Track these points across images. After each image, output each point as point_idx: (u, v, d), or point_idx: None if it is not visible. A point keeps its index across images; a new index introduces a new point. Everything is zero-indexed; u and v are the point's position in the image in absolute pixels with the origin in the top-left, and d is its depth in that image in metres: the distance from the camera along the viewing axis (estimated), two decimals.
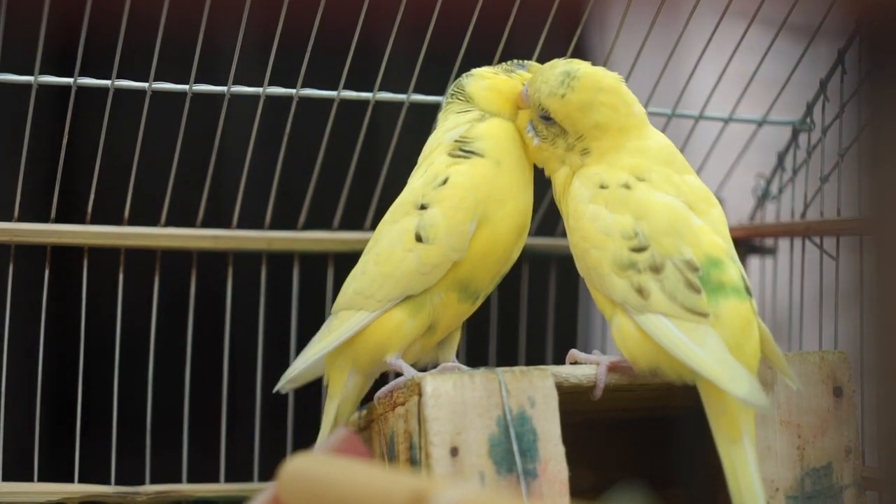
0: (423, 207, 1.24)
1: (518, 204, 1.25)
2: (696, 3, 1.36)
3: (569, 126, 1.22)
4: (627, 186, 1.19)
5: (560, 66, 1.23)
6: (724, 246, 1.18)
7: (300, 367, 1.29)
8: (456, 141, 1.26)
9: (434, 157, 1.27)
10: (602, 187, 1.20)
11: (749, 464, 1.13)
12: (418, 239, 1.23)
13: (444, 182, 1.24)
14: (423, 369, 1.25)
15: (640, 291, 1.16)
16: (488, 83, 1.28)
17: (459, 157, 1.25)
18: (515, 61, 1.30)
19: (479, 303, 1.27)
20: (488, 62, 1.36)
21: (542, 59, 1.34)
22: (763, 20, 1.39)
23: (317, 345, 1.29)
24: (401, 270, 1.24)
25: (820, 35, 1.40)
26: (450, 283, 1.24)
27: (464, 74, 1.31)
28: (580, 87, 1.21)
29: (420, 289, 1.24)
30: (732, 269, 1.17)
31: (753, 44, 1.41)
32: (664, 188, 1.19)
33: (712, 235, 1.18)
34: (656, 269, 1.16)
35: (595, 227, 1.19)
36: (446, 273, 1.23)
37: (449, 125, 1.28)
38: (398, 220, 1.26)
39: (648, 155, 1.21)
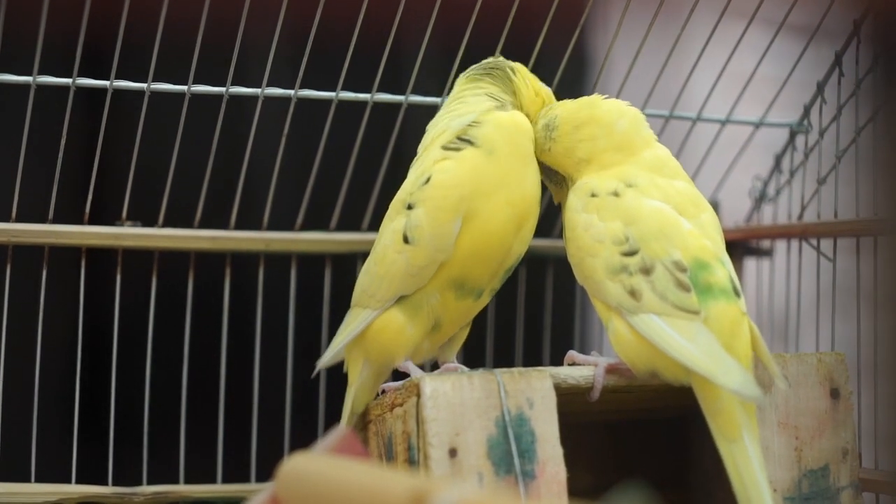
0: (410, 207, 1.24)
1: (511, 195, 1.23)
2: (695, 2, 1.36)
3: (561, 170, 1.27)
4: (616, 194, 1.21)
5: (542, 118, 1.28)
6: (712, 249, 1.19)
7: (329, 355, 1.30)
8: (466, 127, 1.25)
9: (430, 150, 1.26)
10: (593, 196, 1.22)
11: (751, 461, 1.14)
12: (406, 240, 1.24)
13: (428, 181, 1.24)
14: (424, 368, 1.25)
15: (633, 293, 1.17)
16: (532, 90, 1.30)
17: (450, 149, 1.24)
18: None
19: (484, 298, 1.26)
20: None
21: (542, 60, 1.35)
22: (762, 20, 1.39)
23: (339, 335, 1.30)
24: (393, 272, 1.24)
25: (818, 36, 1.40)
26: (443, 283, 1.24)
27: (509, 64, 1.30)
28: (559, 136, 1.26)
29: (412, 289, 1.24)
30: (721, 271, 1.18)
31: (752, 44, 1.41)
32: (651, 193, 1.21)
33: (700, 239, 1.20)
34: (647, 271, 1.17)
35: (588, 236, 1.21)
36: (437, 273, 1.23)
37: (466, 109, 1.27)
38: (393, 219, 1.26)
39: (637, 163, 1.24)
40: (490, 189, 1.23)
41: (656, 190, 1.22)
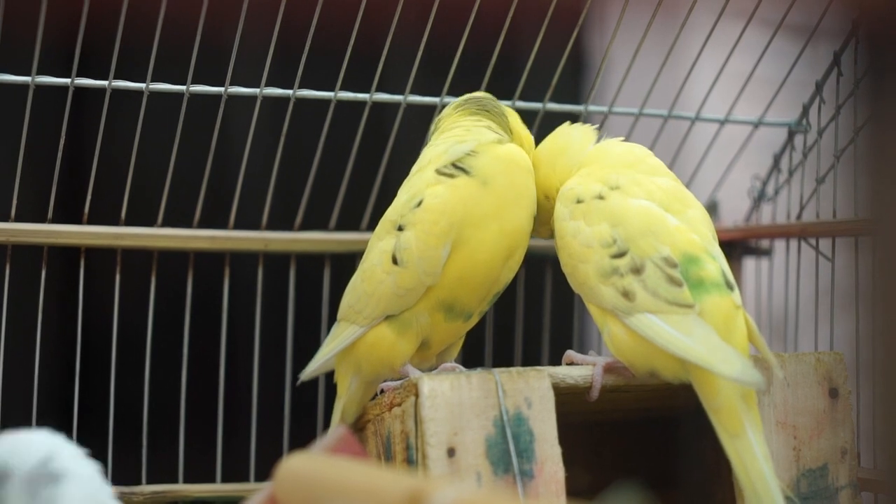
0: (400, 228, 1.24)
1: (503, 226, 1.23)
2: (693, 2, 1.36)
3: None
4: (601, 197, 1.21)
5: None
6: (700, 243, 1.19)
7: (314, 366, 1.31)
8: (464, 155, 1.25)
9: (425, 172, 1.26)
10: (578, 202, 1.22)
11: (756, 455, 1.13)
12: (394, 261, 1.23)
13: (419, 204, 1.23)
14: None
15: (626, 294, 1.17)
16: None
17: (444, 175, 1.23)
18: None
19: (473, 320, 1.26)
20: (486, 63, 1.36)
21: (539, 61, 1.34)
22: (761, 20, 1.39)
23: (324, 347, 1.30)
24: (381, 291, 1.24)
25: (817, 35, 1.40)
26: (432, 305, 1.23)
27: (500, 105, 1.30)
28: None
29: (398, 310, 1.24)
30: (711, 264, 1.18)
31: (751, 44, 1.42)
32: (635, 193, 1.21)
33: (688, 234, 1.19)
34: (637, 271, 1.17)
35: (577, 242, 1.21)
36: (425, 295, 1.23)
37: (469, 136, 1.26)
38: (382, 238, 1.26)
39: (611, 162, 1.24)
40: (480, 219, 1.22)
41: (640, 189, 1.22)
